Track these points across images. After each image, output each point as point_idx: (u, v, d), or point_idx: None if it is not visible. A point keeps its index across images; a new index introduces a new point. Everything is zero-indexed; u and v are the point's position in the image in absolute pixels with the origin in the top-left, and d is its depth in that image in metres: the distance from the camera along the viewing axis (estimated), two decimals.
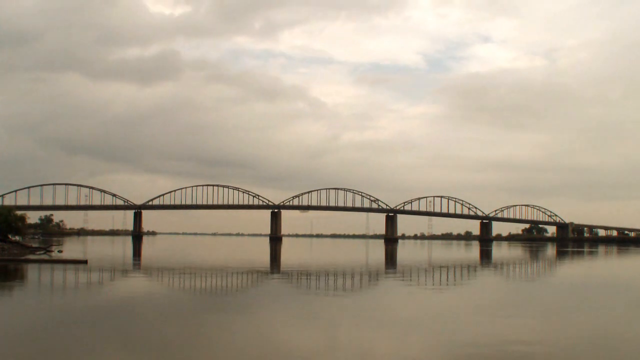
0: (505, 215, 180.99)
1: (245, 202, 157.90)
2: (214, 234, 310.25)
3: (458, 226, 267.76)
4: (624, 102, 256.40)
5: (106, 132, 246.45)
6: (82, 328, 14.58)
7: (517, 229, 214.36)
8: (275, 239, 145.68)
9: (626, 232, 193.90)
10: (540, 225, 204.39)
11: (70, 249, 63.37)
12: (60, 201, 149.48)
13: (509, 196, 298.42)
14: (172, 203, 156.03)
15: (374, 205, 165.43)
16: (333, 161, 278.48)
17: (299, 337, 14.28)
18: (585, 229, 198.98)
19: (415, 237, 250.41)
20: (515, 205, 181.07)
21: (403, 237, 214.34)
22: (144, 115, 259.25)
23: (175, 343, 12.88)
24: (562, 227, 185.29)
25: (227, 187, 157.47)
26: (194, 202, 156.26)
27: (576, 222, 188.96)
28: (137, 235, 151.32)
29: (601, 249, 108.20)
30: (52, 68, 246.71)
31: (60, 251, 52.72)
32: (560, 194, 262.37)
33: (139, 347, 12.62)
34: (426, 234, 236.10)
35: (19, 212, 59.78)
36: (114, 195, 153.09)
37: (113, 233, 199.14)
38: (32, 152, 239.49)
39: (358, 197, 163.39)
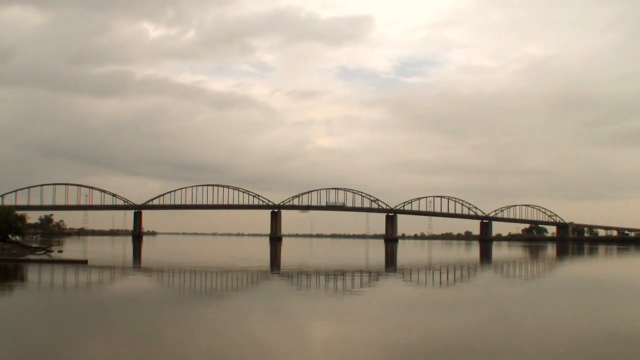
0: (505, 215, 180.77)
1: (245, 202, 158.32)
2: (214, 234, 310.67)
3: (458, 226, 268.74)
4: (553, 111, 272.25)
5: (86, 140, 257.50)
6: (79, 325, 14.76)
7: (517, 229, 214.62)
8: (275, 239, 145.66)
9: (626, 232, 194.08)
10: (540, 225, 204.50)
11: (70, 249, 63.45)
12: (60, 201, 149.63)
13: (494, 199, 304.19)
14: (172, 203, 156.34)
15: (374, 205, 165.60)
16: (301, 165, 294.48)
17: (264, 329, 15.10)
18: (585, 229, 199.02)
19: (415, 237, 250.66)
20: (515, 205, 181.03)
21: (403, 237, 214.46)
22: (119, 125, 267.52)
23: (159, 337, 13.23)
24: (562, 227, 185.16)
25: (227, 187, 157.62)
26: (194, 202, 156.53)
27: (575, 222, 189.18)
28: (137, 235, 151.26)
29: (601, 249, 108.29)
30: (31, 82, 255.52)
31: (60, 251, 52.81)
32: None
33: (127, 340, 12.88)
34: (426, 234, 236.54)
35: (19, 212, 59.78)
36: (114, 195, 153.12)
37: (113, 233, 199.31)
38: (15, 156, 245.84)
39: (358, 197, 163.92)
